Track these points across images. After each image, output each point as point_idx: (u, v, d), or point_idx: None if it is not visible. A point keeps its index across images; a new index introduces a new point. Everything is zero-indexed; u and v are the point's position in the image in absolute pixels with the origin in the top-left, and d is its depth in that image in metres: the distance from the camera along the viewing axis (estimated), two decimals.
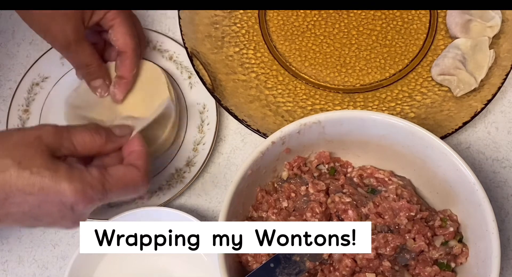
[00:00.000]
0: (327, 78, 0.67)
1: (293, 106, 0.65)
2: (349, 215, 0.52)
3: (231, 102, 0.63)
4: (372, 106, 0.65)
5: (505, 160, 0.64)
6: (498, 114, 0.66)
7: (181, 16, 0.66)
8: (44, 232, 0.63)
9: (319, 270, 0.51)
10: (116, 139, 0.52)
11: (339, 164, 0.58)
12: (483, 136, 0.65)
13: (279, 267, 0.49)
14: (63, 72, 0.67)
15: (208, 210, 0.63)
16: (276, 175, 0.56)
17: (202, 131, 0.63)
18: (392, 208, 0.52)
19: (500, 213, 0.61)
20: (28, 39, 0.72)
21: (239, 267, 0.52)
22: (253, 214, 0.54)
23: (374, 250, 0.50)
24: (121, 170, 0.49)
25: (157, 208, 0.58)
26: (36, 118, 0.66)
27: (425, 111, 0.64)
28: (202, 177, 0.64)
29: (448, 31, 0.68)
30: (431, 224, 0.52)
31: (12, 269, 0.61)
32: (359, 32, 0.69)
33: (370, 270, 0.51)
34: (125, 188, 0.49)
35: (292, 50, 0.68)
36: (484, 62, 0.63)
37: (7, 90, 0.69)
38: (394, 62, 0.67)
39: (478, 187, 0.49)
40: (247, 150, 0.65)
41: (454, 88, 0.63)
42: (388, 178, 0.55)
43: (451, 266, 0.51)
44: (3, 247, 0.62)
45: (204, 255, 0.58)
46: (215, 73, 0.65)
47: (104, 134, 0.50)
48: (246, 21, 0.70)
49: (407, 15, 0.69)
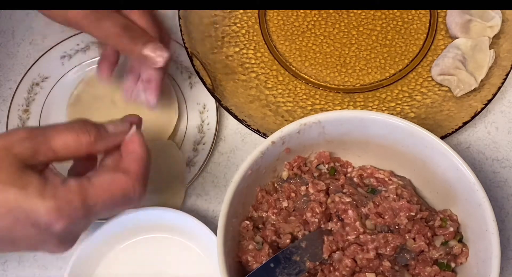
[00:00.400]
0: (327, 78, 0.67)
1: (293, 106, 0.65)
2: (349, 215, 0.52)
3: (231, 102, 0.63)
4: (372, 106, 0.65)
5: (505, 160, 0.64)
6: (498, 114, 0.66)
7: (181, 16, 0.66)
8: None
9: (319, 270, 0.51)
10: (108, 137, 0.44)
11: (339, 164, 0.58)
12: (483, 136, 0.65)
13: (279, 267, 0.49)
14: (63, 72, 0.67)
15: (208, 210, 0.63)
16: (276, 175, 0.56)
17: (202, 131, 0.63)
18: (392, 208, 0.52)
19: (500, 213, 0.61)
20: (28, 39, 0.72)
21: (239, 267, 0.52)
22: (253, 214, 0.54)
23: (374, 250, 0.50)
24: (106, 178, 0.42)
25: (157, 208, 0.58)
26: (36, 118, 0.66)
27: (425, 111, 0.64)
28: (202, 177, 0.64)
29: (448, 31, 0.68)
30: (431, 224, 0.52)
31: (12, 269, 0.61)
32: (359, 32, 0.69)
33: (370, 270, 0.51)
34: (113, 200, 0.42)
35: (292, 50, 0.68)
36: (484, 62, 0.63)
37: (7, 90, 0.69)
38: (394, 62, 0.67)
39: (478, 187, 0.49)
40: (247, 150, 0.65)
41: (454, 88, 0.63)
42: (388, 178, 0.55)
43: (451, 266, 0.51)
44: None
45: (204, 255, 0.58)
46: (215, 73, 0.65)
47: (93, 132, 0.43)
48: (246, 21, 0.70)
49: (407, 15, 0.69)
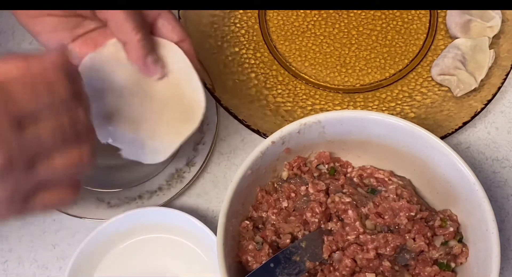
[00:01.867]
0: (327, 78, 0.67)
1: (293, 106, 0.65)
2: (349, 215, 0.52)
3: (231, 102, 0.63)
4: (372, 106, 0.65)
5: (505, 160, 0.64)
6: (498, 114, 0.66)
7: (181, 16, 0.66)
8: (44, 232, 0.63)
9: (319, 270, 0.51)
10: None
11: (339, 164, 0.58)
12: (483, 136, 0.65)
13: (279, 267, 0.49)
14: None
15: (208, 210, 0.63)
16: (276, 175, 0.56)
17: (202, 131, 0.63)
18: (392, 208, 0.52)
19: (500, 213, 0.61)
20: (28, 39, 0.72)
21: (239, 267, 0.52)
22: (253, 214, 0.54)
23: (374, 250, 0.50)
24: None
25: (157, 208, 0.58)
26: None
27: (425, 111, 0.64)
28: (202, 177, 0.64)
29: (448, 31, 0.68)
30: (431, 224, 0.52)
31: (12, 269, 0.61)
32: (359, 32, 0.69)
33: (370, 270, 0.51)
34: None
35: (292, 50, 0.68)
36: (484, 62, 0.63)
37: None
38: (394, 62, 0.67)
39: (478, 187, 0.49)
40: (247, 150, 0.65)
41: (454, 88, 0.63)
42: (388, 178, 0.55)
43: (451, 266, 0.51)
44: (3, 247, 0.62)
45: (204, 255, 0.58)
46: (215, 73, 0.65)
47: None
48: (246, 21, 0.70)
49: (407, 15, 0.69)
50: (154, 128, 0.50)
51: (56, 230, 0.63)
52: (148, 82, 0.50)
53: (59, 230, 0.63)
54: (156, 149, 0.50)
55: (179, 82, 0.50)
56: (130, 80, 0.50)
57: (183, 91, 0.50)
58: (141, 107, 0.50)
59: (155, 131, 0.50)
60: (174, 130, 0.50)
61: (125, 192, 0.62)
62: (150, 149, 0.50)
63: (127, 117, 0.50)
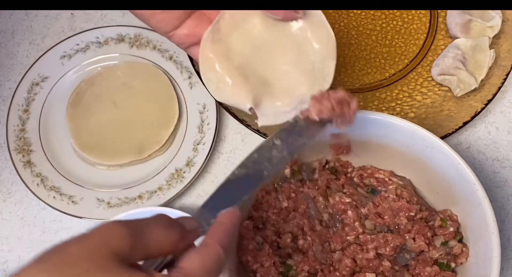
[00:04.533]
0: None
1: None
2: (349, 216, 0.52)
3: None
4: (372, 106, 0.65)
5: (505, 160, 0.63)
6: (498, 114, 0.66)
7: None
8: (44, 232, 0.63)
9: (319, 270, 0.51)
10: (189, 234, 0.40)
11: (339, 164, 0.58)
12: (483, 136, 0.65)
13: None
14: (63, 72, 0.67)
15: None
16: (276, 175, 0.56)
17: (202, 131, 0.63)
18: (392, 208, 0.52)
19: (500, 213, 0.61)
20: (28, 39, 0.72)
21: (239, 267, 0.52)
22: (253, 214, 0.54)
23: (374, 250, 0.50)
24: (196, 258, 0.38)
25: (157, 208, 0.58)
26: (36, 118, 0.66)
27: (425, 111, 0.64)
28: (202, 177, 0.64)
29: (448, 31, 0.68)
30: (431, 224, 0.52)
31: (12, 269, 0.61)
32: (359, 32, 0.69)
33: (370, 270, 0.51)
34: (210, 272, 0.38)
35: None
36: (484, 62, 0.63)
37: (7, 90, 0.69)
38: (394, 62, 0.67)
39: (478, 187, 0.49)
40: (247, 150, 0.65)
41: (454, 88, 0.63)
42: (388, 178, 0.55)
43: (451, 266, 0.51)
44: (3, 247, 0.62)
45: None
46: None
47: (178, 229, 0.39)
48: None
49: (407, 15, 0.69)
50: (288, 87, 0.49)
51: (56, 230, 0.63)
52: (278, 34, 0.49)
53: (59, 230, 0.63)
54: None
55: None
56: (262, 38, 0.49)
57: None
58: (275, 67, 0.49)
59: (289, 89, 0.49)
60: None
61: (125, 192, 0.62)
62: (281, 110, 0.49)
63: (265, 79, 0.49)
